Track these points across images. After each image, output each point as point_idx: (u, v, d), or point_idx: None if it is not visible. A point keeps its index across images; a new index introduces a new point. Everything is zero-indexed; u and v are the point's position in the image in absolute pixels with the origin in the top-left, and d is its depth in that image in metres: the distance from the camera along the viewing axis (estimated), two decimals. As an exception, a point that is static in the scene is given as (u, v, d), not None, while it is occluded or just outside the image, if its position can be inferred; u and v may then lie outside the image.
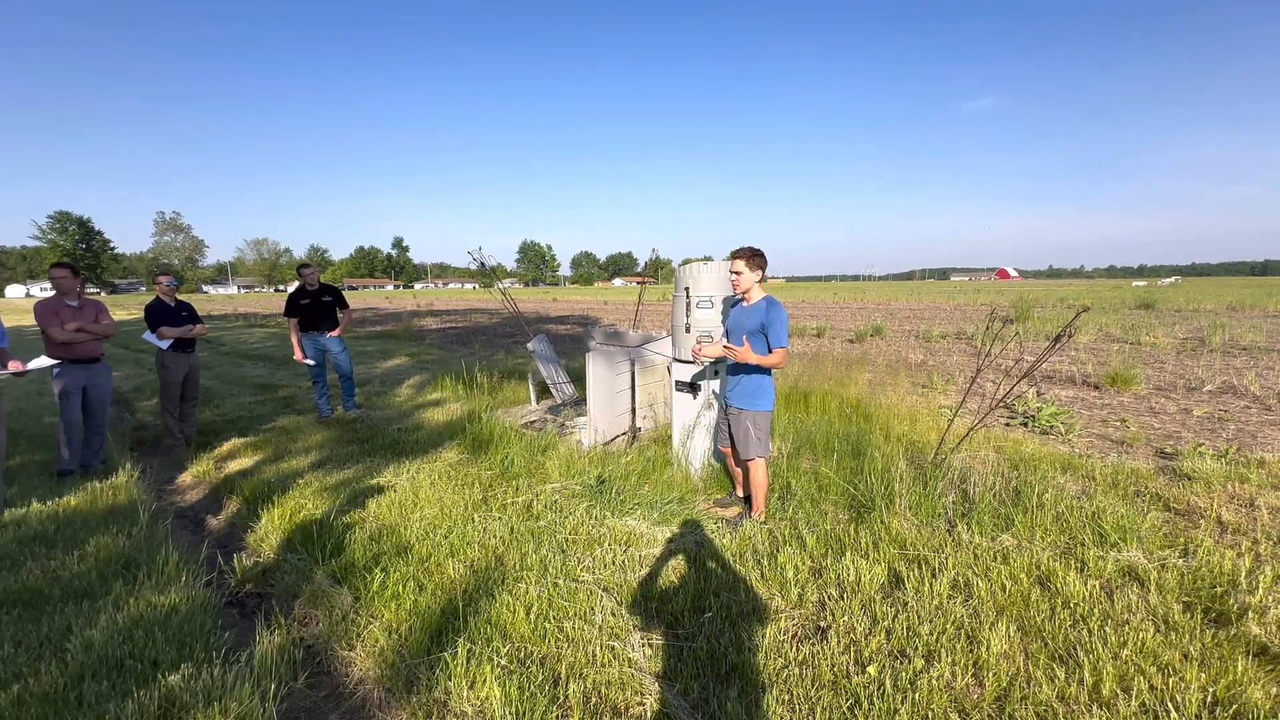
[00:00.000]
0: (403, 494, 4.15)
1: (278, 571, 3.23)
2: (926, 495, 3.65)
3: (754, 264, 3.52)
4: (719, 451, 4.33)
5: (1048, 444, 5.26)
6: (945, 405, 6.66)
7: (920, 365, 9.79)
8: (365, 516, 3.85)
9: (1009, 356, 9.63)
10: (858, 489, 3.86)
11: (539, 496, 4.02)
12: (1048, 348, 3.75)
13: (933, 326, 16.53)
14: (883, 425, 5.33)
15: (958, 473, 3.96)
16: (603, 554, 3.26)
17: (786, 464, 4.44)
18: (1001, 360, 9.41)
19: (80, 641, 2.47)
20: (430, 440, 5.56)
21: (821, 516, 3.68)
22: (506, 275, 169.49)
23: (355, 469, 4.82)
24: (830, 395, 6.11)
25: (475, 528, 3.58)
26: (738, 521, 3.64)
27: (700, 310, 4.14)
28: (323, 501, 4.08)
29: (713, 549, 3.31)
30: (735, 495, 4.09)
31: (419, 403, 7.29)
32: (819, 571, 3.06)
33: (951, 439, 4.38)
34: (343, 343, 6.79)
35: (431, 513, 3.82)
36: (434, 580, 3.01)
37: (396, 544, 3.40)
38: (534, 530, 3.54)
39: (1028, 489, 3.69)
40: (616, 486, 4.09)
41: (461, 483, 4.36)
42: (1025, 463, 4.47)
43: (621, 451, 4.88)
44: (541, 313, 27.40)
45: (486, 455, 4.89)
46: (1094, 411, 6.58)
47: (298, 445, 5.60)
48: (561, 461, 4.57)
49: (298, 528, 3.65)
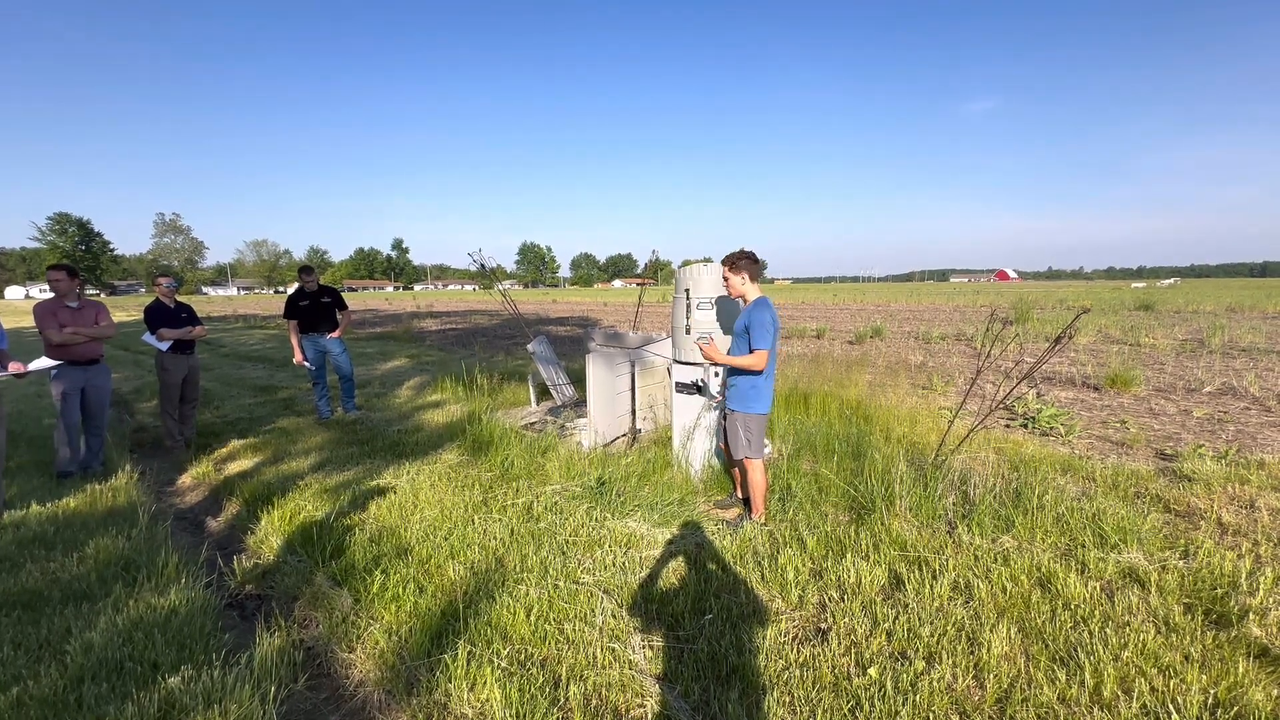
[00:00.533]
0: (403, 495, 4.15)
1: (278, 573, 3.23)
2: (927, 497, 3.65)
3: (737, 268, 3.54)
4: (720, 451, 4.33)
5: (1048, 445, 5.26)
6: (945, 407, 6.66)
7: (920, 367, 9.79)
8: (365, 518, 3.84)
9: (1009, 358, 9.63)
10: (858, 490, 3.85)
11: (539, 498, 4.02)
12: (1047, 349, 3.75)
13: (932, 328, 16.54)
14: (883, 427, 5.33)
15: (958, 474, 3.96)
16: (603, 556, 3.25)
17: (787, 465, 4.44)
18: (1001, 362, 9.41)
19: (80, 644, 2.47)
20: (430, 442, 5.56)
21: (822, 518, 3.68)
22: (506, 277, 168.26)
23: (355, 471, 4.82)
24: (830, 397, 6.11)
25: (475, 529, 3.58)
26: (738, 523, 3.64)
27: (700, 312, 4.15)
28: (323, 503, 4.07)
29: (713, 550, 3.30)
30: (736, 497, 4.08)
31: (419, 404, 7.28)
32: (819, 573, 3.06)
33: (952, 440, 4.38)
34: (343, 344, 6.78)
35: (432, 514, 3.81)
36: (434, 582, 3.00)
37: (397, 546, 3.39)
38: (534, 532, 3.53)
39: (1028, 490, 3.69)
40: (617, 488, 4.09)
41: (462, 484, 4.36)
42: (1025, 464, 4.47)
43: (622, 453, 4.88)
44: (541, 314, 27.40)
45: (487, 457, 4.88)
46: (1094, 413, 6.58)
47: (298, 447, 5.60)
48: (562, 463, 4.57)
49: (298, 529, 3.64)
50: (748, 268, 3.55)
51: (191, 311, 5.81)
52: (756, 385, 3.58)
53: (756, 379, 3.57)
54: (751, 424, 3.59)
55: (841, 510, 3.84)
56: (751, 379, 3.57)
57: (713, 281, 4.13)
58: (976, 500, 3.65)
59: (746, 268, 3.55)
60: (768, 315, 3.45)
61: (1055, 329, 14.24)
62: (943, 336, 14.37)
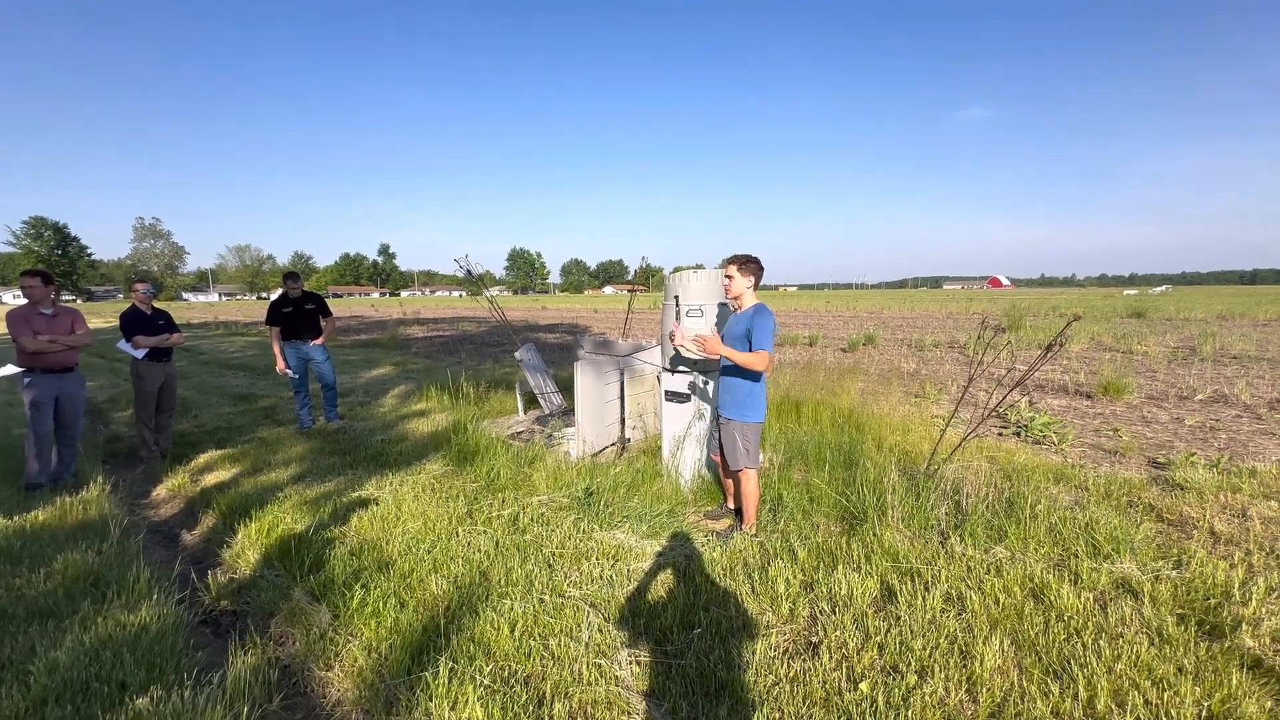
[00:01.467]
0: (385, 507, 4.10)
1: (254, 588, 3.17)
2: (919, 506, 3.66)
3: (746, 270, 3.55)
4: (711, 460, 4.32)
5: (1040, 454, 5.30)
6: (938, 415, 6.70)
7: (913, 374, 9.85)
8: (346, 531, 3.79)
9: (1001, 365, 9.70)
10: (850, 500, 3.86)
11: (525, 509, 3.99)
12: (1040, 357, 3.78)
13: (925, 335, 16.66)
14: (875, 435, 5.34)
15: (950, 483, 3.97)
16: (590, 568, 3.23)
17: (778, 475, 4.43)
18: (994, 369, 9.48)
19: (44, 664, 2.41)
20: (414, 452, 5.51)
21: (813, 529, 3.67)
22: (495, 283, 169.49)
23: (337, 482, 4.76)
24: (822, 405, 6.12)
25: (459, 542, 3.54)
26: (728, 534, 3.63)
27: (690, 319, 4.14)
28: (302, 516, 4.02)
29: (702, 563, 3.29)
30: (726, 507, 4.07)
31: (403, 413, 7.22)
32: (810, 585, 3.05)
33: (944, 449, 4.40)
34: (326, 351, 6.73)
35: (414, 527, 3.77)
36: (416, 597, 2.96)
37: (378, 559, 3.35)
38: (520, 544, 3.50)
39: (1021, 500, 3.70)
40: (605, 499, 4.06)
41: (446, 495, 4.32)
42: (1018, 473, 4.49)
43: (610, 463, 4.86)
44: (530, 321, 27.34)
45: (472, 467, 4.84)
46: (1086, 421, 6.64)
47: (278, 457, 5.53)
48: (549, 473, 4.54)
49: (276, 543, 3.58)
50: (755, 272, 3.57)
51: (169, 318, 5.74)
52: (754, 392, 3.58)
53: (754, 386, 3.57)
54: (749, 433, 3.59)
55: (833, 520, 3.83)
56: (749, 386, 3.57)
57: (702, 288, 4.13)
58: (969, 510, 3.66)
59: (754, 271, 3.57)
60: (771, 320, 3.46)
61: (1048, 336, 14.38)
62: (936, 344, 14.48)
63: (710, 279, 4.12)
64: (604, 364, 5.39)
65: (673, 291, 4.23)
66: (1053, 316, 23.63)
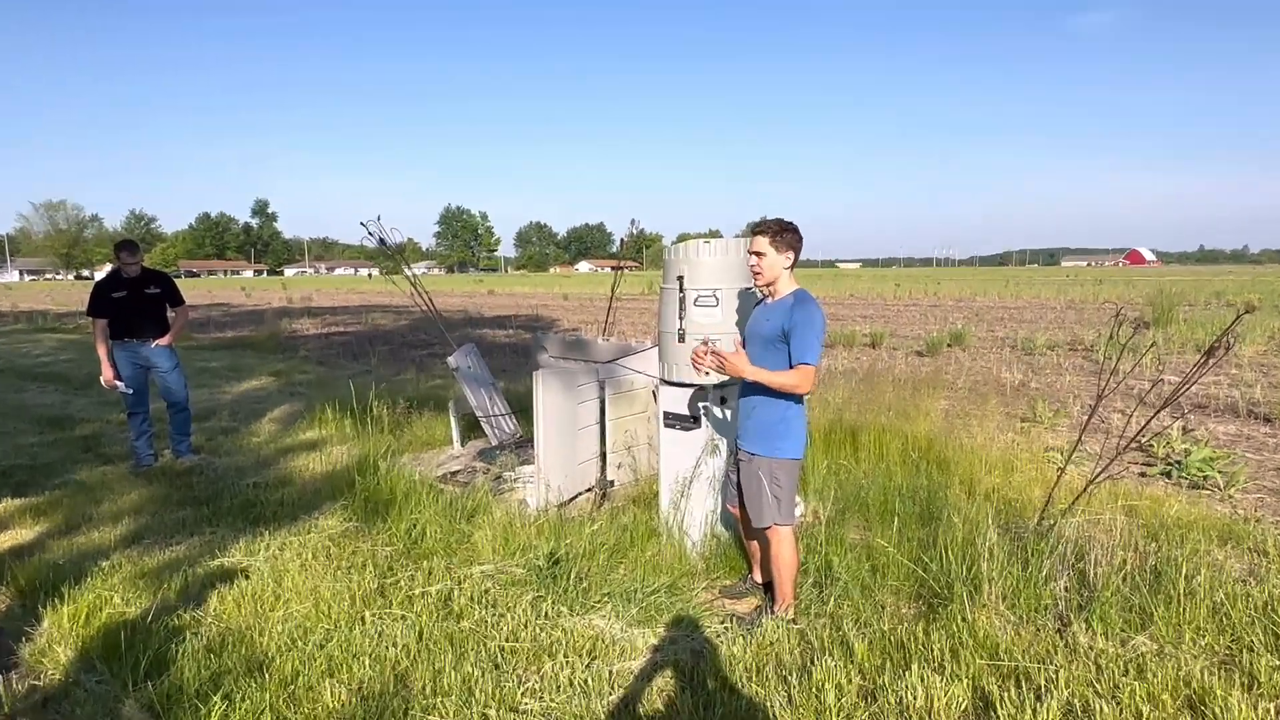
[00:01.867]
0: (259, 582, 4.09)
1: (66, 700, 3.15)
2: (1028, 579, 3.67)
3: (781, 242, 3.47)
4: (728, 514, 4.32)
5: (1200, 503, 5.34)
6: (1054, 447, 6.74)
7: (1019, 388, 9.92)
8: (202, 616, 3.78)
9: (1144, 376, 9.79)
10: (928, 570, 3.87)
11: (462, 584, 3.99)
12: (1199, 364, 3.81)
13: (1036, 332, 16.78)
14: (965, 476, 5.38)
15: (1072, 546, 3.99)
16: (555, 670, 3.23)
17: (826, 534, 4.44)
18: (1133, 381, 9.56)
19: None
20: (302, 501, 5.50)
21: (876, 611, 3.68)
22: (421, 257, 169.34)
23: (189, 544, 4.75)
24: (889, 432, 6.15)
25: (367, 632, 3.54)
26: (755, 620, 3.63)
27: (700, 309, 4.14)
28: (139, 595, 4.00)
29: (718, 661, 3.29)
30: (752, 581, 4.08)
31: (287, 445, 7.22)
32: (873, 694, 3.06)
33: (1063, 496, 4.42)
34: (175, 356, 6.72)
35: (302, 609, 3.76)
36: (303, 712, 2.95)
37: (248, 657, 3.34)
38: (454, 635, 3.50)
39: (1171, 569, 3.73)
40: (577, 569, 4.07)
41: (347, 565, 4.32)
42: (1168, 530, 4.52)
43: (585, 517, 4.87)
44: (472, 311, 27.36)
45: (385, 523, 4.85)
46: (1265, 455, 6.71)
47: (104, 509, 5.50)
48: (497, 532, 4.54)
49: (99, 634, 3.56)
50: (794, 244, 3.49)
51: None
52: (789, 418, 3.58)
53: (790, 409, 3.57)
54: (780, 474, 3.58)
55: (905, 599, 3.85)
56: (783, 408, 3.56)
57: (718, 265, 4.13)
58: (1099, 584, 3.68)
59: (793, 244, 3.48)
60: (818, 317, 3.41)
61: (1209, 334, 14.52)
62: (1051, 345, 14.61)
63: (729, 252, 4.13)
64: (577, 374, 5.39)
65: (675, 270, 4.23)
66: (1216, 306, 23.90)
